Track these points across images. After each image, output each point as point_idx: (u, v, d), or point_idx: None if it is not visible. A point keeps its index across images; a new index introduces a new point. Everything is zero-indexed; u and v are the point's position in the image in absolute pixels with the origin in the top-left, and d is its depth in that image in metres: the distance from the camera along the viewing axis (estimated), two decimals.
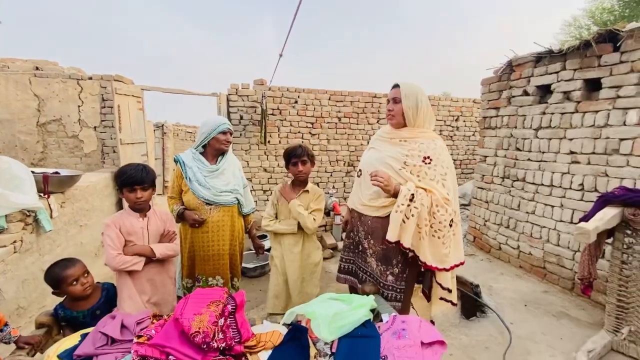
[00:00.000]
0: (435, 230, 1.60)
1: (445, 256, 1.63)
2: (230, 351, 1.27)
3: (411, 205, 1.55)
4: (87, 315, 1.57)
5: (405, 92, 1.67)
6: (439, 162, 1.63)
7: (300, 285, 2.11)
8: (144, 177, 1.64)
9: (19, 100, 4.38)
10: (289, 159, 2.06)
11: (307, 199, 2.10)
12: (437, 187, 1.60)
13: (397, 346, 1.25)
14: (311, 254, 2.14)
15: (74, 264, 1.54)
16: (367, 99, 5.66)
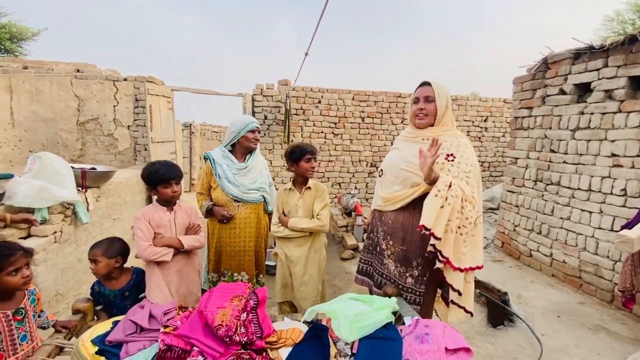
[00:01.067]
0: (459, 226, 1.51)
1: (463, 255, 1.54)
2: (252, 346, 1.28)
3: (448, 193, 1.45)
4: (117, 295, 1.69)
5: (438, 90, 1.62)
6: (462, 159, 1.58)
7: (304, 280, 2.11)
8: (176, 173, 1.74)
9: (62, 100, 4.67)
10: (302, 156, 2.01)
11: (311, 196, 2.09)
12: (460, 185, 1.52)
13: (420, 351, 1.22)
14: (318, 250, 2.14)
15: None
16: (392, 99, 5.58)
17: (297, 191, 2.09)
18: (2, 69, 4.69)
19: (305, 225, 2.03)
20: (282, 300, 2.16)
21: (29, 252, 1.37)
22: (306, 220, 2.05)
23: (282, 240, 2.12)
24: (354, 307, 1.41)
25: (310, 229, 2.04)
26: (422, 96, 1.66)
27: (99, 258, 1.65)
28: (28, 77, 4.65)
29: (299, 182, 2.11)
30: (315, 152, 2.06)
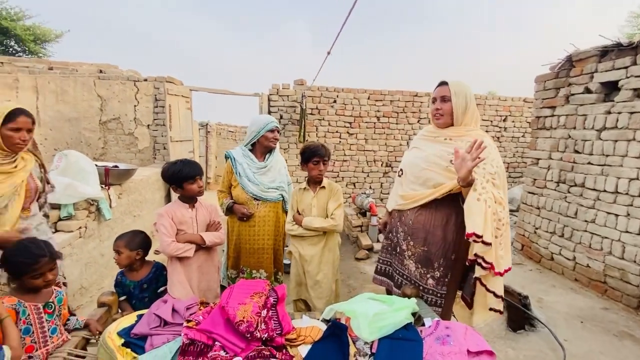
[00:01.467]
0: (497, 228, 1.46)
1: (501, 258, 1.50)
2: (272, 342, 1.29)
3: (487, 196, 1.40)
4: (136, 286, 1.75)
5: (454, 89, 1.60)
6: (488, 160, 1.52)
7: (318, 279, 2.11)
8: (198, 169, 1.80)
9: (85, 100, 4.83)
10: (311, 158, 2.02)
11: (325, 195, 2.09)
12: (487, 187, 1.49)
13: (442, 352, 1.20)
14: (332, 249, 2.15)
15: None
16: (408, 98, 5.53)
17: (311, 190, 2.10)
18: (29, 70, 4.88)
19: (318, 225, 2.03)
20: (297, 298, 2.18)
21: (55, 257, 1.39)
22: (320, 219, 2.06)
23: (296, 239, 2.14)
24: (373, 306, 1.41)
25: (323, 228, 2.04)
26: (438, 96, 1.65)
27: (121, 249, 1.71)
28: (53, 77, 4.83)
29: (313, 182, 2.12)
30: (325, 154, 2.02)
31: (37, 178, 1.79)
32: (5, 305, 1.24)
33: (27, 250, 1.32)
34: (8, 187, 1.60)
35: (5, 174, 1.61)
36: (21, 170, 1.67)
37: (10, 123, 1.55)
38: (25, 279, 1.30)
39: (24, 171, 1.68)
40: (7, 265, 1.32)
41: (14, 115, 1.56)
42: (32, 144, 1.78)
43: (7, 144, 1.58)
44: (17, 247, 1.35)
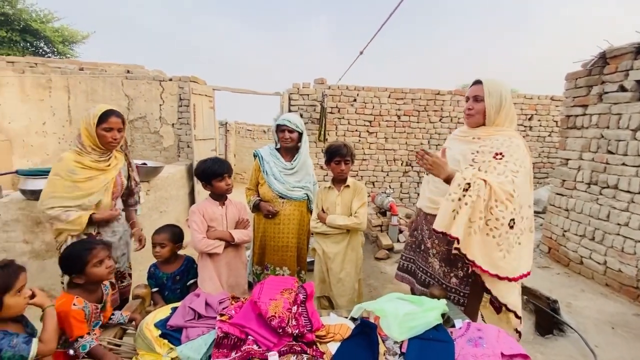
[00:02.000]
0: (490, 228, 1.43)
1: (499, 260, 1.45)
2: (302, 338, 1.32)
3: (466, 195, 1.41)
4: (169, 278, 1.82)
5: (489, 89, 1.57)
6: (511, 159, 1.50)
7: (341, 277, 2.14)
8: (227, 167, 1.84)
9: (113, 100, 5.01)
10: (332, 157, 2.07)
11: (349, 194, 2.11)
12: (503, 181, 1.44)
13: (475, 354, 1.20)
14: (355, 248, 2.16)
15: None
16: (430, 96, 5.45)
17: (335, 189, 2.13)
18: (61, 70, 5.10)
19: (342, 222, 2.05)
20: (320, 294, 2.21)
21: (108, 245, 1.48)
22: (343, 217, 2.08)
23: (319, 236, 2.16)
24: (403, 306, 1.41)
25: (347, 226, 2.06)
26: (471, 95, 1.63)
27: (166, 242, 1.77)
28: (84, 77, 5.02)
29: (338, 180, 2.15)
30: (346, 153, 2.04)
31: (124, 176, 1.93)
32: (76, 307, 1.31)
33: (82, 243, 1.44)
34: (101, 184, 1.74)
35: (100, 170, 1.76)
36: (113, 169, 1.82)
37: (103, 123, 1.70)
38: (88, 271, 1.36)
39: (115, 169, 1.83)
40: (69, 261, 1.39)
41: (106, 115, 1.70)
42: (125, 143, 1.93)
43: (101, 143, 1.72)
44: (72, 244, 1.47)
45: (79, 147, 1.74)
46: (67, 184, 1.69)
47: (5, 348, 1.02)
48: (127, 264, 2.01)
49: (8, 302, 1.06)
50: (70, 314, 1.28)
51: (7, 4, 10.09)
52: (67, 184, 1.69)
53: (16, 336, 1.06)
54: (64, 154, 1.74)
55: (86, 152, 1.73)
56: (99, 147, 1.74)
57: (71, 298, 1.33)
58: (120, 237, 1.91)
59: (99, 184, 1.76)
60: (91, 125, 1.71)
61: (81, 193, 1.71)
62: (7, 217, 2.49)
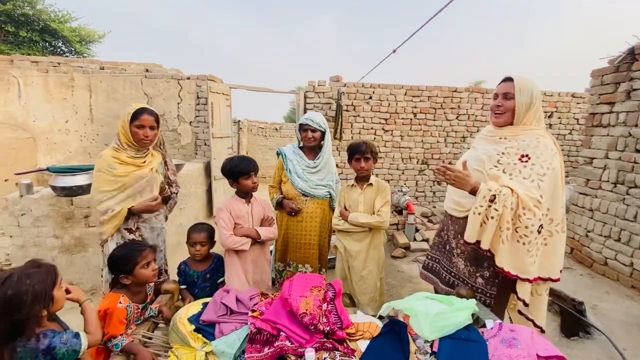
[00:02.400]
0: (520, 235, 1.44)
1: (530, 265, 1.46)
2: (332, 335, 1.33)
3: (492, 207, 1.43)
4: (200, 276, 1.85)
5: (520, 86, 1.53)
6: (538, 161, 1.47)
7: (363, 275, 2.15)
8: (254, 165, 1.87)
9: (133, 98, 5.11)
10: (353, 155, 2.09)
11: (372, 192, 2.11)
12: (530, 187, 1.44)
13: (509, 355, 1.19)
14: (377, 246, 2.17)
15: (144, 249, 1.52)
16: (447, 94, 5.38)
17: (358, 187, 2.14)
18: (83, 70, 5.22)
19: (364, 220, 2.06)
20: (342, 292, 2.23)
21: (154, 248, 1.55)
22: (366, 215, 2.09)
23: (341, 234, 2.18)
24: (433, 306, 1.41)
25: (369, 224, 2.07)
26: (501, 92, 1.58)
27: (205, 241, 1.81)
28: (105, 77, 5.13)
29: (361, 178, 2.15)
30: (365, 151, 2.05)
31: (160, 174, 2.00)
32: (121, 305, 1.36)
33: (131, 244, 1.50)
34: (134, 179, 1.80)
35: (137, 166, 1.83)
36: (147, 166, 1.88)
37: (136, 121, 1.77)
38: (136, 272, 1.42)
39: (148, 167, 1.89)
40: (119, 261, 1.44)
41: (138, 113, 1.78)
42: (159, 141, 1.99)
43: (134, 140, 1.79)
44: (121, 246, 1.54)
45: (117, 144, 1.81)
46: (110, 178, 1.77)
47: (58, 345, 1.04)
48: (164, 261, 2.06)
49: (56, 295, 1.09)
50: (115, 312, 1.33)
51: (27, 5, 10.37)
52: (109, 178, 1.77)
53: (64, 332, 1.09)
54: (103, 151, 1.81)
55: (122, 148, 1.81)
56: (133, 144, 1.81)
57: (117, 296, 1.38)
58: (158, 234, 1.97)
59: (131, 178, 1.81)
60: (126, 123, 1.78)
61: (122, 185, 1.80)
62: (38, 213, 2.57)
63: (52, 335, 1.05)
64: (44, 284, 1.05)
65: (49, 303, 1.06)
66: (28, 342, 1.00)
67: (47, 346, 1.02)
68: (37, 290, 1.02)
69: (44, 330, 1.05)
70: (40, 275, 1.06)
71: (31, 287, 1.01)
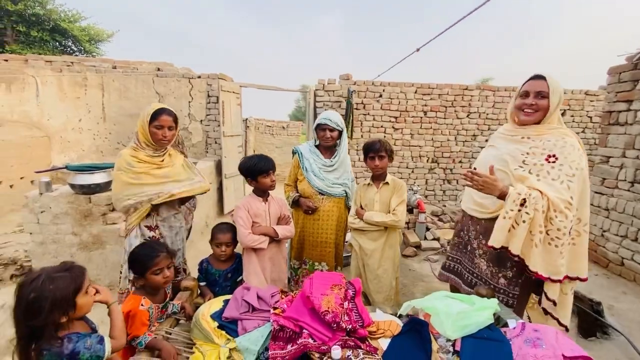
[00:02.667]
0: (552, 237, 1.44)
1: (562, 266, 1.46)
2: (354, 333, 1.33)
3: (522, 211, 1.41)
4: (222, 275, 1.87)
5: (553, 86, 1.51)
6: (566, 161, 1.46)
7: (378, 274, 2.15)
8: (273, 164, 1.89)
9: (145, 97, 5.16)
10: (367, 153, 2.09)
11: (388, 191, 2.10)
12: (559, 189, 1.43)
13: (535, 355, 1.18)
14: (393, 246, 2.16)
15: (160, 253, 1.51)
16: (457, 92, 5.34)
17: (374, 186, 2.14)
18: (96, 69, 5.28)
19: (379, 219, 2.06)
20: None
21: (172, 253, 1.54)
22: (381, 214, 2.08)
23: (356, 232, 2.18)
24: (455, 305, 1.41)
25: (384, 223, 2.07)
26: (534, 90, 1.54)
27: (230, 242, 1.83)
28: (117, 76, 5.19)
29: (377, 177, 2.15)
30: (378, 149, 2.05)
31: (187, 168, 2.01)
32: (143, 308, 1.37)
33: (149, 246, 1.49)
34: (153, 178, 1.83)
35: (155, 165, 1.86)
36: (167, 165, 1.90)
37: (155, 121, 1.79)
38: (148, 277, 1.43)
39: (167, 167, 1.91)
40: (134, 263, 1.46)
41: (157, 114, 1.80)
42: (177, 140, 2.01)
43: (153, 140, 1.82)
44: (140, 245, 1.54)
45: (135, 143, 1.83)
46: (131, 175, 1.80)
47: (82, 350, 1.02)
48: (182, 259, 2.09)
49: (79, 302, 1.07)
50: (138, 315, 1.35)
51: (37, 5, 10.51)
52: (130, 175, 1.80)
53: (89, 337, 1.07)
54: (122, 151, 1.83)
55: (141, 147, 1.83)
56: (151, 144, 1.83)
57: (139, 299, 1.40)
58: (177, 233, 1.99)
59: (150, 177, 1.84)
60: (145, 123, 1.80)
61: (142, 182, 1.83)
62: (57, 210, 2.62)
63: (76, 339, 1.04)
64: (66, 290, 1.03)
65: (69, 310, 1.04)
66: (53, 346, 1.00)
67: (71, 351, 1.01)
68: (58, 297, 1.00)
69: (68, 334, 1.05)
70: (65, 280, 1.04)
71: (52, 293, 0.99)
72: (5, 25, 10.13)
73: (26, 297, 0.99)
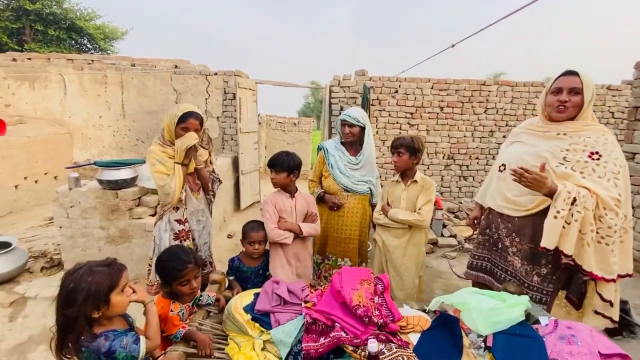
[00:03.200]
0: (602, 236, 1.43)
1: (614, 265, 1.45)
2: (385, 328, 1.35)
3: (572, 210, 1.39)
4: (253, 272, 1.90)
5: (586, 82, 1.49)
6: (610, 158, 1.45)
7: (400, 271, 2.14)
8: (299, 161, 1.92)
9: (163, 94, 5.24)
10: (393, 150, 2.08)
11: (416, 190, 2.08)
12: (607, 186, 1.41)
13: (570, 352, 1.19)
14: (417, 244, 2.14)
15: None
16: (475, 87, 5.26)
17: (402, 183, 2.13)
18: (115, 67, 5.38)
19: (403, 217, 2.05)
20: None
21: (199, 263, 1.54)
22: (405, 212, 2.07)
23: (381, 228, 2.18)
24: (486, 301, 1.41)
25: (408, 221, 2.06)
26: (567, 86, 1.53)
27: (263, 240, 1.86)
28: (136, 73, 5.28)
29: (405, 175, 2.14)
30: (399, 145, 2.04)
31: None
32: (173, 313, 1.41)
33: (177, 256, 1.47)
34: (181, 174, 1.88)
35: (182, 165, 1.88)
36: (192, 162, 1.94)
37: (182, 123, 1.83)
38: (174, 286, 1.45)
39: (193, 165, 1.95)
40: (162, 271, 1.48)
41: (185, 117, 1.84)
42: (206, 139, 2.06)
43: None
44: (168, 253, 1.53)
45: (161, 141, 1.87)
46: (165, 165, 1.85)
47: (118, 350, 1.03)
48: (209, 252, 2.13)
49: (114, 300, 1.07)
50: (169, 319, 1.39)
51: (54, 4, 10.73)
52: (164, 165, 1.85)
53: (125, 335, 1.08)
54: (151, 147, 1.87)
55: (167, 145, 1.86)
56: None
57: (168, 304, 1.43)
58: (204, 227, 2.04)
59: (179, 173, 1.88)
60: (172, 124, 1.84)
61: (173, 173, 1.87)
62: (86, 205, 2.70)
63: (112, 337, 1.05)
64: (101, 285, 1.03)
65: (101, 306, 1.04)
66: (92, 342, 1.02)
67: (108, 349, 1.02)
68: (91, 291, 1.01)
69: (105, 332, 1.06)
70: (102, 276, 1.05)
71: (87, 285, 1.01)
72: (24, 24, 10.38)
73: (66, 286, 1.02)
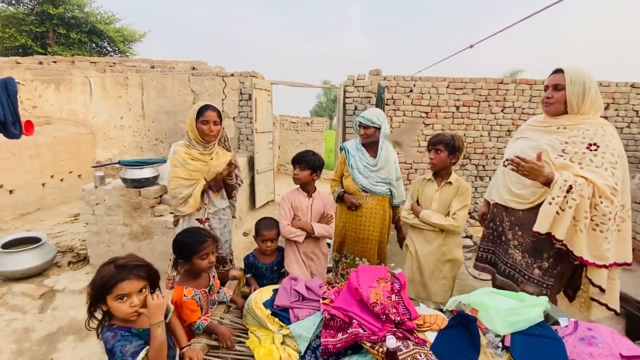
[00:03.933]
0: (597, 223, 1.49)
1: (607, 252, 1.50)
2: (402, 325, 1.37)
3: (568, 197, 1.45)
4: (268, 268, 1.94)
5: (570, 77, 1.55)
6: (608, 149, 1.50)
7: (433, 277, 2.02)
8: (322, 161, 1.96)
9: (181, 95, 5.37)
10: (428, 145, 1.98)
11: (449, 191, 1.95)
12: (605, 176, 1.47)
13: (590, 353, 1.18)
14: (451, 250, 1.99)
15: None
16: (492, 86, 5.17)
17: (435, 183, 1.99)
18: (136, 69, 5.55)
19: (436, 221, 1.91)
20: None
21: (216, 239, 1.62)
22: (439, 215, 1.93)
23: (414, 232, 2.04)
24: (504, 301, 1.42)
25: (441, 225, 1.91)
26: (551, 84, 1.62)
27: (275, 237, 1.91)
28: (155, 75, 5.43)
29: (439, 174, 1.99)
30: (435, 142, 1.93)
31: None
32: (187, 298, 1.45)
33: (197, 232, 1.56)
34: (200, 174, 1.95)
35: (202, 161, 1.97)
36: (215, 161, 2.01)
37: (201, 117, 1.92)
38: (194, 260, 1.51)
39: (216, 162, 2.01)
40: (180, 247, 1.54)
41: (203, 110, 1.94)
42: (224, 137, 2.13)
43: (200, 135, 1.93)
44: (187, 230, 1.61)
45: (187, 141, 1.95)
46: (185, 171, 1.93)
47: (118, 353, 1.03)
48: (229, 250, 2.20)
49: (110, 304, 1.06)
50: (184, 305, 1.44)
51: (76, 8, 11.11)
52: (185, 171, 1.93)
53: (130, 342, 1.06)
54: (176, 148, 1.95)
55: (192, 145, 1.94)
56: (201, 140, 1.93)
57: (181, 289, 1.48)
58: (225, 225, 2.10)
59: (198, 173, 1.95)
60: (193, 120, 1.91)
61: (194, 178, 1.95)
62: (110, 203, 2.82)
63: (119, 338, 1.06)
64: (102, 280, 1.05)
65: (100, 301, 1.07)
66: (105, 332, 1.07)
67: (111, 347, 1.04)
68: (97, 283, 1.06)
69: (119, 328, 1.09)
70: (111, 272, 1.06)
71: (100, 276, 1.06)
72: (48, 28, 10.77)
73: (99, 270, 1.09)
